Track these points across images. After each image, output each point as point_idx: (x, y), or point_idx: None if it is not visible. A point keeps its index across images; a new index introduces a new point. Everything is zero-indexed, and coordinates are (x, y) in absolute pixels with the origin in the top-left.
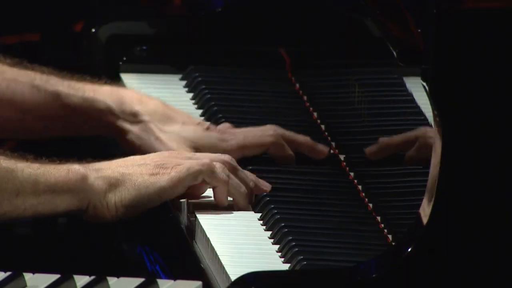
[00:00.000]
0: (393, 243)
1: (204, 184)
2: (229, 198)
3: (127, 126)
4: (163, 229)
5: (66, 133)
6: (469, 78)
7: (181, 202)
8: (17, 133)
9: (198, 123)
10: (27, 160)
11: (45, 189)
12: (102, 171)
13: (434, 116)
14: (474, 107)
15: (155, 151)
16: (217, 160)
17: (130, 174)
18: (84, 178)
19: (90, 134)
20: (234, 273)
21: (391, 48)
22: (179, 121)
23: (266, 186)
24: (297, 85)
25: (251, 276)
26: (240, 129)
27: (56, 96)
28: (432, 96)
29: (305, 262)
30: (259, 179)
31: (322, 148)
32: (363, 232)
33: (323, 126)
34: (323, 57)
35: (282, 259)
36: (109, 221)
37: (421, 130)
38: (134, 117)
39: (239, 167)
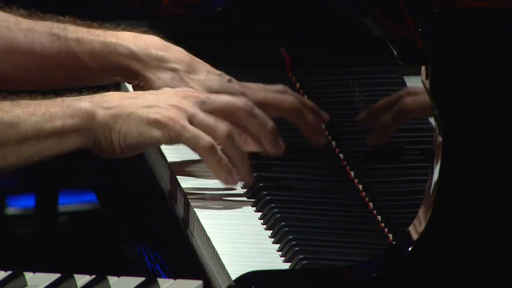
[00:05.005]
0: (394, 242)
1: None
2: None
3: (155, 73)
4: (163, 228)
5: (88, 82)
6: (470, 78)
7: (180, 199)
8: (38, 83)
9: (220, 74)
10: (34, 98)
11: (51, 134)
12: (111, 109)
13: (435, 115)
14: (474, 107)
15: None
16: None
17: (137, 117)
18: (91, 116)
19: (112, 82)
20: (234, 272)
21: (391, 47)
22: (203, 70)
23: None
24: (298, 84)
25: (251, 275)
26: (262, 85)
27: (76, 43)
28: (433, 95)
29: (305, 261)
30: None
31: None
32: (364, 231)
33: (323, 125)
34: (323, 57)
35: (283, 258)
36: (113, 158)
37: (402, 92)
38: (161, 64)
39: (255, 111)
